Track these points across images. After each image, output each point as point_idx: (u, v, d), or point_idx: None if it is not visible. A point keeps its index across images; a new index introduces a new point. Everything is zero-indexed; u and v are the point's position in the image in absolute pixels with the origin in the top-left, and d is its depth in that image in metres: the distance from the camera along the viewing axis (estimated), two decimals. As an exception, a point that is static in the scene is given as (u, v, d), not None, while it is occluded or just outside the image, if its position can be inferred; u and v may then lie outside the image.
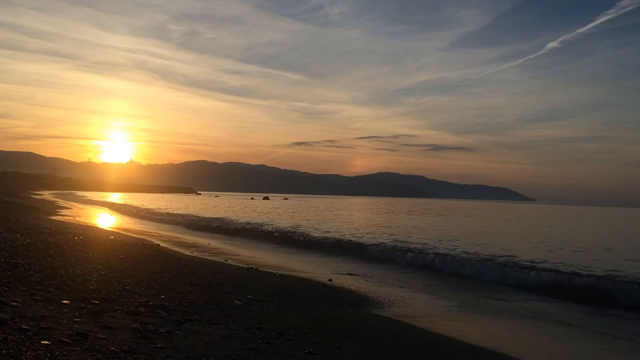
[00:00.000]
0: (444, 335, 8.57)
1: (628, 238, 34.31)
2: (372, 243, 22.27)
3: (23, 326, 5.07)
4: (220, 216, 40.39)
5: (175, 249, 17.99)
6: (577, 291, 13.14)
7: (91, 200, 74.81)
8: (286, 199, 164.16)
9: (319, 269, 16.02)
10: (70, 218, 31.25)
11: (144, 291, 8.47)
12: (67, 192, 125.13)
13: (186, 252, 17.22)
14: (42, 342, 4.71)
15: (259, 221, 35.81)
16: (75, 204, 59.66)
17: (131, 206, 55.14)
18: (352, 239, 23.84)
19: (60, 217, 31.29)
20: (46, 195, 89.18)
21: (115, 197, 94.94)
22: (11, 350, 4.35)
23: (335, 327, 8.11)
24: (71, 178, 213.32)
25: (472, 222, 48.55)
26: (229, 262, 15.58)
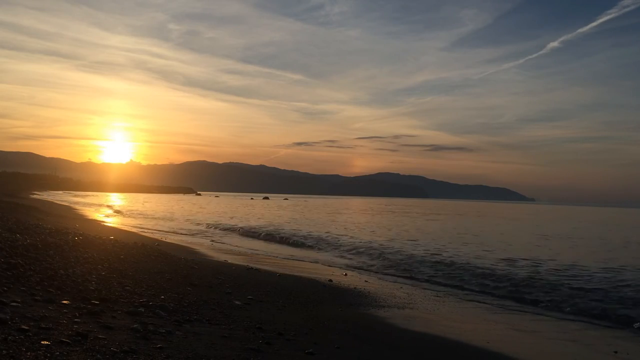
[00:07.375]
0: (445, 337, 8.55)
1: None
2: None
3: (23, 326, 5.06)
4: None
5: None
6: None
7: (91, 200, 74.77)
8: (286, 199, 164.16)
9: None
10: (70, 219, 31.24)
11: (144, 291, 8.46)
12: (67, 192, 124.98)
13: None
14: (42, 342, 4.71)
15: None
16: (75, 204, 59.61)
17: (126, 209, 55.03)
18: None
19: (61, 217, 31.26)
20: (46, 195, 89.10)
21: (115, 198, 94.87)
22: (11, 351, 4.35)
23: (335, 327, 8.11)
24: (71, 178, 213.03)
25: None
26: (229, 261, 15.58)
